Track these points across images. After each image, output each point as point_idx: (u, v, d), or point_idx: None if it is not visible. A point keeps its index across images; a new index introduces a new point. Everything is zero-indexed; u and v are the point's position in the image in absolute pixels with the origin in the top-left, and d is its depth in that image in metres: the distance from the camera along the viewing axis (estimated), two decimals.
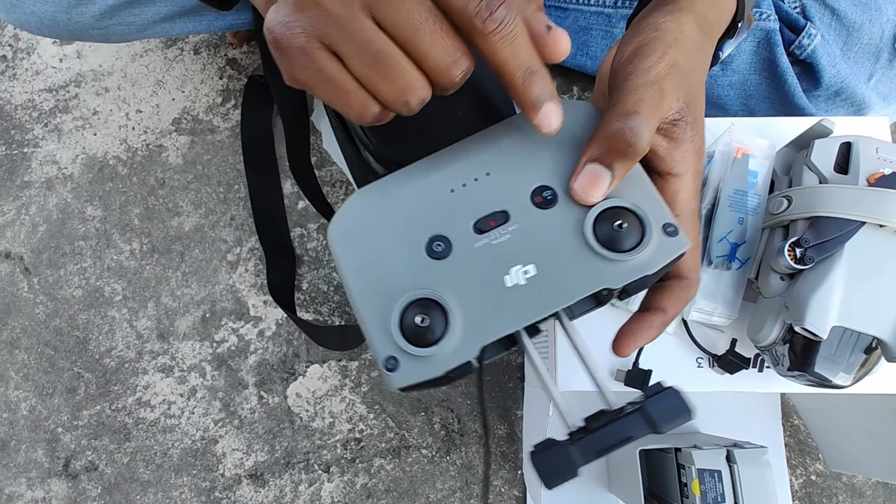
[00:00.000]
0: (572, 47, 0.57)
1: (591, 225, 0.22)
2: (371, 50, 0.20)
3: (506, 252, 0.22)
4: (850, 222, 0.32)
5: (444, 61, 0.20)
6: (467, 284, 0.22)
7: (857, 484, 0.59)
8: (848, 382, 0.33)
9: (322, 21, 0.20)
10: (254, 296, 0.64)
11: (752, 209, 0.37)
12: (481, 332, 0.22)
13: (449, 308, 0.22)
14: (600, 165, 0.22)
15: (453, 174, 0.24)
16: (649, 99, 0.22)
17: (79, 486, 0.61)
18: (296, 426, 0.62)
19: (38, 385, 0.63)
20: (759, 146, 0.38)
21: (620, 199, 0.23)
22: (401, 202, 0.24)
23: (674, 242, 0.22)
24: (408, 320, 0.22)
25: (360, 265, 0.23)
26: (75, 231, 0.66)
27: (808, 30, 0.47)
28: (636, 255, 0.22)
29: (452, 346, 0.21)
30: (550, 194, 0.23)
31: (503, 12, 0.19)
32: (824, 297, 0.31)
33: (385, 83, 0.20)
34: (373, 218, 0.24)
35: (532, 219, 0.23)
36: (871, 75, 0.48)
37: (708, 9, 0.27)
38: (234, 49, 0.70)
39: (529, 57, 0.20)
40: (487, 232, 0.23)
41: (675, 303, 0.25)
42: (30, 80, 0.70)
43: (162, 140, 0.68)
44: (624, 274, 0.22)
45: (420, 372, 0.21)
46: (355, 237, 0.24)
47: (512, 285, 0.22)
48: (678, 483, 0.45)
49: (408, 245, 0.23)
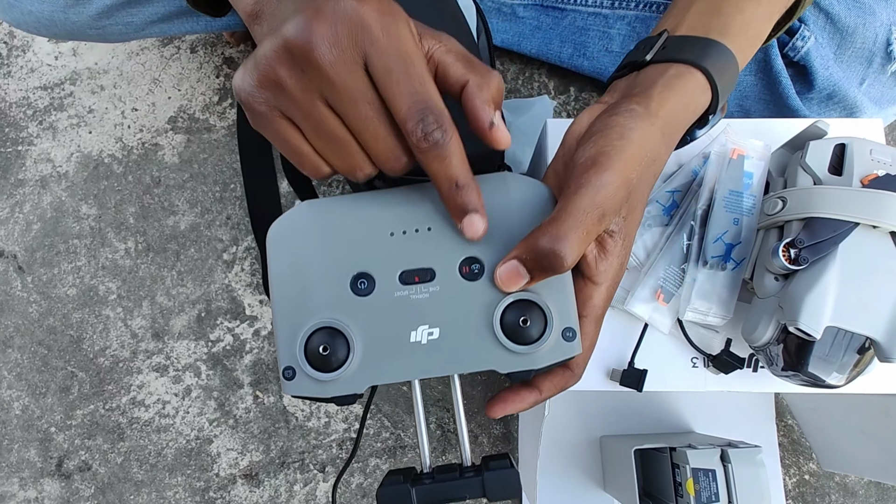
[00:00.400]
0: (570, 48, 0.58)
1: (500, 313, 0.24)
2: (325, 131, 0.22)
3: (420, 310, 0.25)
4: (844, 223, 0.32)
5: (386, 156, 0.23)
6: (376, 328, 0.24)
7: (850, 483, 0.60)
8: (841, 382, 0.33)
9: (283, 100, 0.22)
10: (249, 295, 0.64)
11: (748, 210, 0.38)
12: (374, 373, 0.24)
13: (353, 344, 0.24)
14: (523, 268, 0.24)
15: (398, 218, 0.26)
16: (587, 225, 0.23)
17: (72, 486, 0.61)
18: (291, 426, 0.62)
19: (32, 384, 0.63)
20: (754, 147, 0.38)
21: (535, 295, 0.25)
22: (343, 229, 0.25)
23: (567, 347, 0.25)
24: (313, 343, 0.24)
25: (287, 274, 0.25)
26: (70, 229, 0.65)
27: (802, 32, 0.47)
28: (530, 350, 0.24)
29: (345, 378, 0.24)
30: (477, 268, 0.25)
31: (437, 136, 0.21)
32: (818, 298, 0.31)
33: (336, 157, 0.23)
34: (312, 233, 0.25)
35: (453, 287, 0.25)
36: (863, 79, 0.48)
37: (680, 111, 0.28)
38: (231, 48, 0.70)
39: (458, 172, 0.22)
40: (410, 285, 0.25)
41: (552, 387, 0.27)
42: (25, 77, 0.69)
43: (158, 139, 0.67)
44: (513, 363, 0.24)
45: (311, 389, 0.24)
46: (292, 245, 0.25)
47: (414, 341, 0.24)
48: (673, 482, 0.45)
49: (335, 273, 0.25)
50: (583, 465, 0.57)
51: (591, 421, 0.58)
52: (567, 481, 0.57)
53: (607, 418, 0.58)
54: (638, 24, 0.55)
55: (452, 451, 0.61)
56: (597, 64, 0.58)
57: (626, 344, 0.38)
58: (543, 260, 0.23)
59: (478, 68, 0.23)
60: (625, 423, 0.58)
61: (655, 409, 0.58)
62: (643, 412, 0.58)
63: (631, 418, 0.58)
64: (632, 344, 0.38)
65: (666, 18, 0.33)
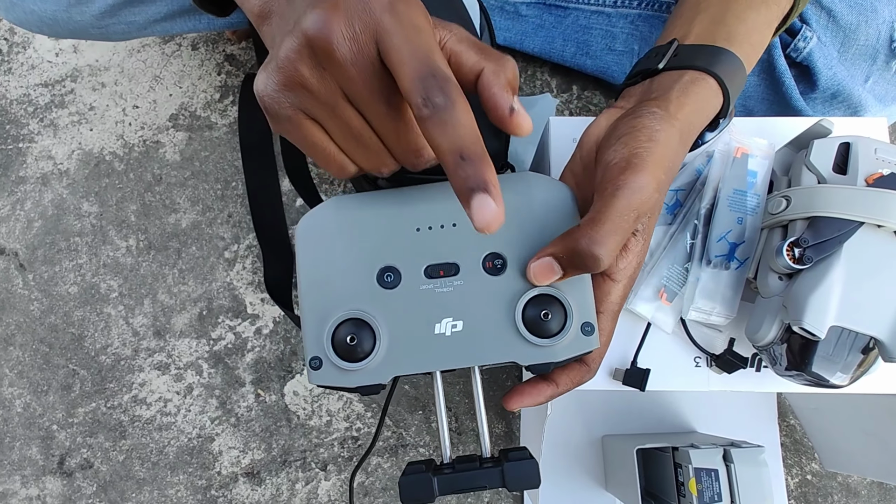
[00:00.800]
0: (572, 46, 0.58)
1: (522, 306, 0.25)
2: (351, 131, 0.22)
3: (444, 303, 0.25)
4: (849, 222, 0.32)
5: (406, 153, 0.23)
6: (402, 320, 0.25)
7: (853, 484, 0.60)
8: (845, 382, 0.33)
9: (308, 100, 0.22)
10: (251, 293, 0.64)
11: (751, 209, 0.37)
12: (399, 364, 0.25)
13: (379, 335, 0.25)
14: (557, 265, 0.24)
15: (424, 214, 0.26)
16: (624, 228, 0.23)
17: (74, 484, 0.61)
18: (293, 424, 0.62)
19: (33, 382, 0.63)
20: (758, 146, 0.38)
21: (556, 290, 0.25)
22: (370, 223, 0.26)
23: (586, 341, 0.25)
24: (340, 334, 0.24)
25: (316, 267, 0.25)
26: (71, 227, 0.65)
27: (804, 32, 0.47)
28: (550, 343, 0.25)
29: (371, 368, 0.25)
30: (500, 263, 0.26)
31: (439, 100, 0.19)
32: (822, 297, 0.31)
33: (361, 156, 0.23)
34: (341, 228, 0.26)
35: (477, 281, 0.25)
36: (867, 77, 0.48)
37: (695, 115, 0.29)
38: (233, 45, 0.69)
39: (464, 141, 0.19)
40: (435, 279, 0.25)
41: (568, 381, 0.27)
42: (25, 74, 0.69)
43: (159, 136, 0.67)
44: (533, 356, 0.25)
45: (337, 379, 0.25)
46: (320, 240, 0.26)
47: (438, 333, 0.25)
48: (675, 482, 0.45)
49: (363, 266, 0.25)
50: (585, 465, 0.57)
51: (593, 420, 0.58)
52: (569, 480, 0.57)
53: (609, 417, 0.58)
54: (641, 23, 0.54)
55: (454, 451, 0.61)
56: (600, 63, 0.58)
57: (628, 343, 0.38)
58: (579, 260, 0.23)
59: (491, 55, 0.23)
60: (627, 422, 0.58)
61: (657, 408, 0.58)
62: (645, 411, 0.58)
63: (633, 417, 0.58)
64: (635, 343, 0.38)
65: (671, 28, 0.34)
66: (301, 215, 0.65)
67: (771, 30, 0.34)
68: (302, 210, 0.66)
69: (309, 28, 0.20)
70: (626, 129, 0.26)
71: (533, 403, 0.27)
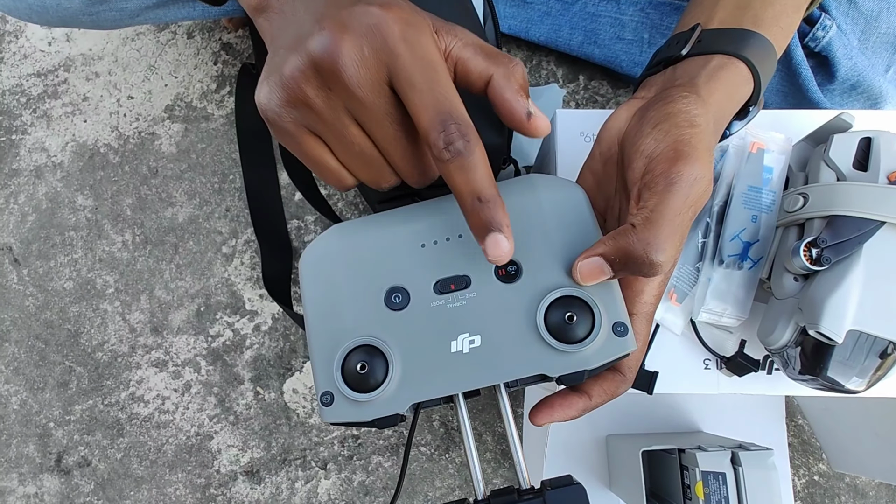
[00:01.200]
0: (580, 35, 0.56)
1: (544, 312, 0.23)
2: (353, 148, 0.22)
3: (458, 318, 0.23)
4: (870, 222, 0.31)
5: (411, 172, 0.23)
6: (415, 341, 0.23)
7: (860, 485, 0.59)
8: (862, 387, 0.32)
9: (311, 118, 0.22)
10: (249, 289, 0.63)
11: (766, 206, 0.36)
12: (416, 389, 0.22)
13: (391, 360, 0.23)
14: (609, 267, 0.22)
15: (427, 229, 0.25)
16: (683, 227, 0.22)
17: (71, 482, 0.60)
18: (292, 422, 0.61)
19: (29, 379, 0.62)
20: (774, 140, 0.36)
21: (579, 290, 0.23)
22: (372, 246, 0.25)
23: (620, 343, 0.23)
24: (350, 364, 0.23)
25: (321, 298, 0.24)
26: (65, 221, 0.64)
27: (823, 21, 0.46)
28: (580, 349, 0.22)
29: (386, 396, 0.22)
30: (514, 269, 0.24)
31: (459, 146, 0.20)
32: (841, 301, 0.30)
33: (362, 171, 0.23)
34: (344, 255, 0.25)
35: (491, 291, 0.23)
36: (888, 66, 0.46)
37: (725, 102, 0.27)
38: (230, 33, 0.68)
39: (482, 185, 0.21)
40: (446, 294, 0.23)
41: (602, 393, 0.25)
42: (17, 64, 0.67)
43: (154, 127, 0.66)
44: (563, 365, 0.22)
45: (351, 413, 0.22)
46: (324, 270, 0.25)
47: (455, 351, 0.23)
48: (681, 485, 0.44)
49: (369, 290, 0.24)
50: (589, 465, 0.56)
51: (598, 419, 0.57)
52: None
53: (614, 416, 0.57)
54: (651, 11, 0.53)
55: (456, 450, 0.60)
56: (608, 52, 0.56)
57: None
58: (635, 266, 0.22)
59: (499, 59, 0.22)
60: (631, 421, 0.57)
61: (663, 407, 0.57)
62: (650, 411, 0.57)
63: (638, 417, 0.57)
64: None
65: (692, 14, 0.32)
66: (300, 209, 0.64)
67: (800, 13, 0.32)
68: (301, 204, 0.64)
69: (316, 50, 0.20)
70: (659, 116, 0.24)
71: (564, 418, 0.25)
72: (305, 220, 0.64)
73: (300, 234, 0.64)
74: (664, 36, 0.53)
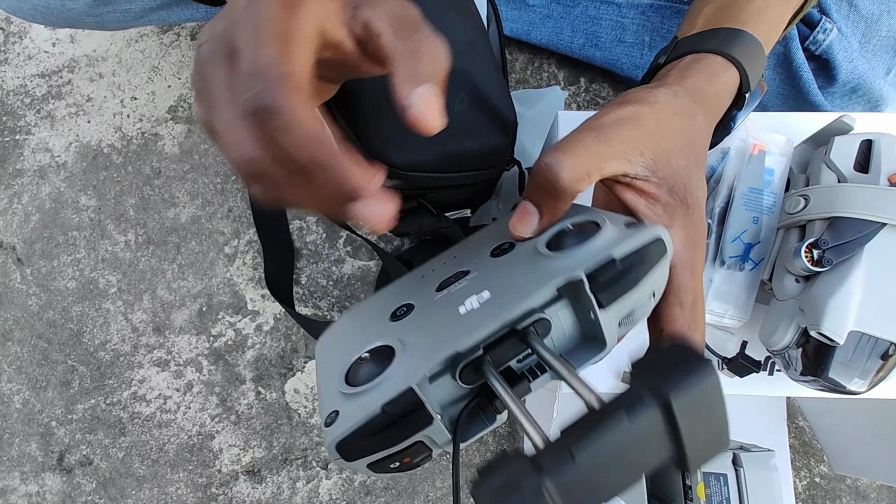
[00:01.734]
0: (581, 38, 0.57)
1: (545, 242, 0.21)
2: None
3: (462, 293, 0.21)
4: (871, 224, 0.31)
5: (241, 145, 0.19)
6: (422, 327, 0.21)
7: (861, 487, 0.59)
8: (863, 389, 0.32)
9: None
10: (251, 289, 0.63)
11: (768, 208, 0.36)
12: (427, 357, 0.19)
13: (396, 347, 0.20)
14: (530, 203, 0.22)
15: (425, 268, 0.26)
16: (583, 141, 0.21)
17: (73, 481, 0.61)
18: (294, 422, 0.61)
19: (32, 378, 0.62)
20: (775, 142, 0.37)
21: (574, 218, 0.22)
22: (376, 301, 0.25)
23: (641, 231, 0.19)
24: (353, 368, 0.21)
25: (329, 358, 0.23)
26: (69, 221, 0.64)
27: (823, 24, 0.46)
28: (591, 241, 0.19)
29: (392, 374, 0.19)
30: (507, 245, 0.23)
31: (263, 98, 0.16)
32: (842, 302, 0.30)
33: None
34: (353, 325, 0.25)
35: (489, 266, 0.23)
36: (889, 69, 0.47)
37: (704, 83, 0.27)
38: None
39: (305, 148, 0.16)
40: (447, 287, 0.23)
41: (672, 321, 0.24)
42: (22, 64, 0.68)
43: (157, 128, 0.66)
44: (581, 260, 0.19)
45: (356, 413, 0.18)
46: (335, 345, 0.24)
47: (466, 312, 0.20)
48: (683, 486, 0.44)
49: (375, 318, 0.24)
50: None
51: None
52: None
53: None
54: (652, 14, 0.53)
55: None
56: (609, 55, 0.56)
57: (637, 345, 0.37)
58: (540, 180, 0.21)
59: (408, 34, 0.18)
60: None
61: None
62: None
63: None
64: (643, 345, 0.37)
65: (680, 28, 0.33)
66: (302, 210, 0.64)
67: (789, 8, 0.32)
68: None
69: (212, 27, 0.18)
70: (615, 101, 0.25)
71: None
72: (307, 220, 0.64)
73: (302, 234, 0.64)
74: (665, 39, 0.53)
